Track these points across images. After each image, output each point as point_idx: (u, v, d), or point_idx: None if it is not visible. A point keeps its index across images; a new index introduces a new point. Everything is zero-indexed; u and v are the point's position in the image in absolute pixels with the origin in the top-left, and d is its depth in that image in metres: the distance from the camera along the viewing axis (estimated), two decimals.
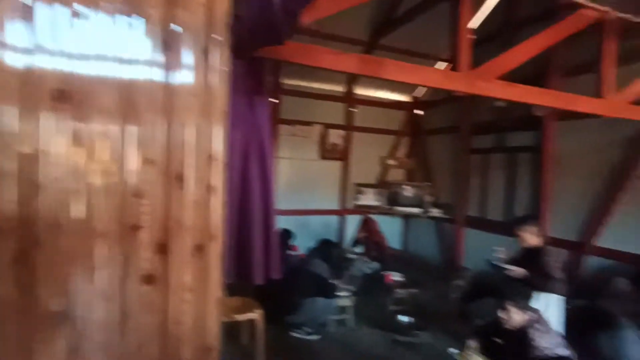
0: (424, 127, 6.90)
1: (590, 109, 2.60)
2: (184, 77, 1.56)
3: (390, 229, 6.55)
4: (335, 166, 6.57)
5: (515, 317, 2.43)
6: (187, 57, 1.56)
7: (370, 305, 4.60)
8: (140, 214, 1.51)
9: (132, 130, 1.49)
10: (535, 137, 4.87)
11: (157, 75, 1.52)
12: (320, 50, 1.82)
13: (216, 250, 1.63)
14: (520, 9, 4.83)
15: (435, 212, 6.24)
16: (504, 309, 2.47)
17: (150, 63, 1.50)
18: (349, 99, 6.53)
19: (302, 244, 4.57)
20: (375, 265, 5.03)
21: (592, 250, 4.19)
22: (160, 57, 1.51)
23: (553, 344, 2.25)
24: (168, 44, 1.52)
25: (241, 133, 1.65)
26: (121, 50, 1.46)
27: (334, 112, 6.48)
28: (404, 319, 4.19)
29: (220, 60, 1.59)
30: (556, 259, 3.24)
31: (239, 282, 1.87)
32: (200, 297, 1.62)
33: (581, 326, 1.76)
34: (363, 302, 4.49)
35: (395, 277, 4.80)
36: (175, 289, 1.57)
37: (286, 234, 4.74)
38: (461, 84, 2.10)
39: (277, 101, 5.80)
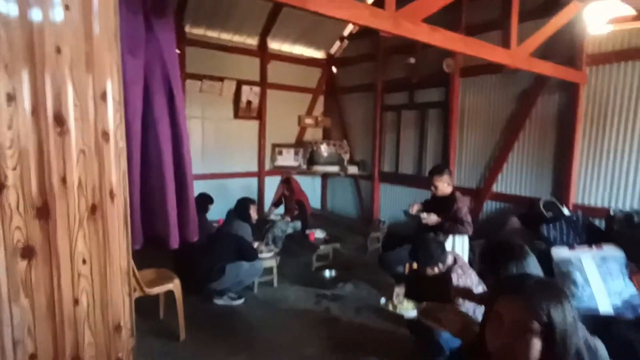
0: (339, 85, 6.86)
1: (499, 58, 2.73)
2: None
3: (309, 188, 6.53)
4: (251, 126, 6.24)
5: (436, 269, 2.55)
6: None
7: (294, 264, 4.58)
8: (4, 169, 1.14)
9: None
10: (443, 94, 5.14)
11: None
12: None
13: (117, 211, 1.34)
14: None
15: (352, 169, 6.38)
16: (425, 267, 2.56)
17: None
18: (263, 53, 6.13)
19: (222, 210, 4.29)
20: (297, 224, 4.99)
21: (490, 196, 4.66)
22: None
23: (470, 283, 2.42)
24: None
25: (140, 63, 1.32)
26: None
27: (248, 68, 6.05)
28: (327, 273, 4.27)
29: None
30: (465, 204, 3.51)
31: (150, 248, 1.59)
32: (100, 268, 1.32)
33: (495, 258, 1.89)
34: (287, 262, 4.45)
35: (318, 234, 4.83)
36: (65, 262, 1.26)
37: (205, 199, 4.39)
38: (388, 23, 2.00)
39: (178, 52, 5.16)
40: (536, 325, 0.87)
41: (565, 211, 3.74)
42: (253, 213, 3.96)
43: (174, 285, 2.95)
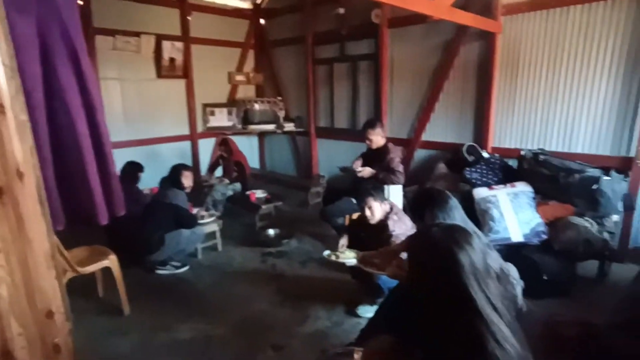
0: (269, 39, 6.56)
1: (423, 9, 2.78)
2: None
3: (246, 148, 6.39)
4: (177, 85, 5.82)
5: (377, 210, 2.70)
6: None
7: (237, 226, 4.58)
8: None
9: None
10: (373, 45, 5.16)
11: None
12: None
13: (29, 192, 1.20)
14: None
15: (289, 126, 6.31)
16: (366, 205, 2.70)
17: None
18: (183, 3, 5.60)
19: (156, 177, 4.08)
20: (237, 186, 4.92)
21: (420, 144, 4.93)
22: None
23: (405, 229, 2.62)
24: None
25: (31, 21, 1.13)
26: None
27: (167, 21, 5.53)
28: (271, 231, 4.34)
29: None
30: (397, 154, 3.69)
31: (79, 225, 1.47)
32: (19, 255, 1.21)
33: (421, 206, 2.07)
34: (230, 225, 4.42)
35: (259, 194, 4.82)
36: None
37: (134, 168, 4.09)
38: None
39: (81, 2, 4.52)
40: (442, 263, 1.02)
41: (485, 154, 4.09)
42: (185, 180, 3.82)
43: (110, 261, 2.81)
